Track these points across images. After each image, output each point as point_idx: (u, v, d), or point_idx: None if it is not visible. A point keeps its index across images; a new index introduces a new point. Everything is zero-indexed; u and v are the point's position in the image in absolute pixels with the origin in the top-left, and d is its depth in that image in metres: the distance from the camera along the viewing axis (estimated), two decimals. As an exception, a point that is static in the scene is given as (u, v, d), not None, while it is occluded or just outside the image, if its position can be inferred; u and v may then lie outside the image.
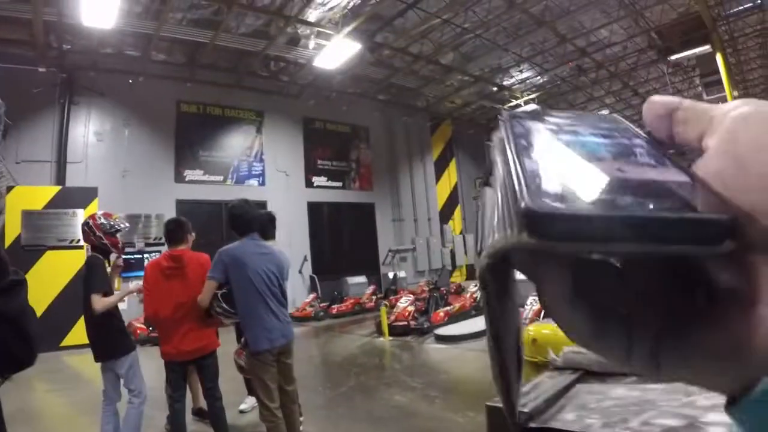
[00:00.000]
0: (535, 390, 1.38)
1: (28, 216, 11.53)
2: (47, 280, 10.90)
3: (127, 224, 5.19)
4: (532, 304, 8.54)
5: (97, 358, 4.88)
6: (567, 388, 1.40)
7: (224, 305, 4.41)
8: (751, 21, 15.91)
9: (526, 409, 1.19)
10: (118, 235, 5.00)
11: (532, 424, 1.16)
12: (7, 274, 1.36)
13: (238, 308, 4.42)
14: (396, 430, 5.51)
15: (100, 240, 4.90)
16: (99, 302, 4.60)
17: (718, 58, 14.22)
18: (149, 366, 5.55)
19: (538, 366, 1.89)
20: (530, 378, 1.62)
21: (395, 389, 7.24)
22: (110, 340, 4.83)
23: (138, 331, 11.66)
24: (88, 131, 14.52)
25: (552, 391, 1.35)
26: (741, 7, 14.62)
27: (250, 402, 6.28)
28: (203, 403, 5.48)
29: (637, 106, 23.32)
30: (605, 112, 23.43)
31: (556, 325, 0.34)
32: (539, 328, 2.39)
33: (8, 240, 11.19)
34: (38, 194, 11.92)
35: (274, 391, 4.49)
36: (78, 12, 11.24)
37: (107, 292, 4.72)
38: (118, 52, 14.69)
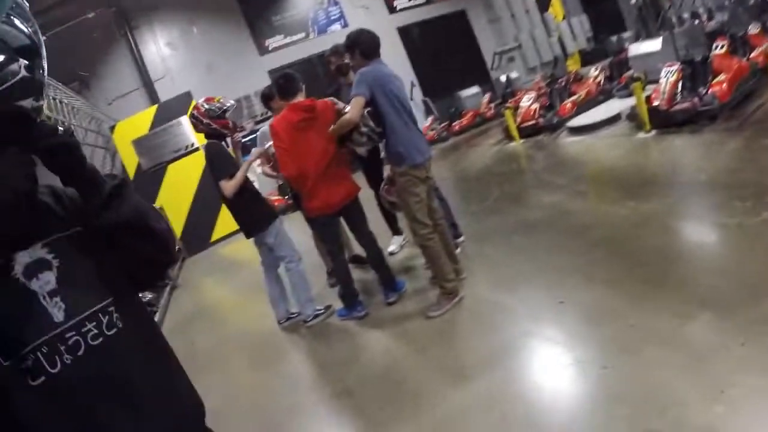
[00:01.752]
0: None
1: (138, 143, 11.91)
2: (179, 189, 11.56)
3: (233, 101, 5.06)
4: (667, 75, 7.94)
5: (247, 235, 5.07)
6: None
7: (371, 123, 4.27)
8: None
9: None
10: (226, 115, 4.92)
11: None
12: (104, 182, 1.27)
13: (386, 123, 4.30)
14: (556, 231, 5.29)
15: (210, 126, 4.86)
16: (227, 186, 4.68)
17: None
18: (298, 231, 5.62)
19: None
20: None
21: (542, 191, 7.02)
22: (251, 215, 4.94)
23: (276, 204, 12.00)
24: (160, 46, 14.84)
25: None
26: None
27: (396, 242, 6.31)
28: (357, 251, 5.52)
29: None
30: None
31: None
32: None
33: (131, 171, 11.76)
34: (139, 121, 12.18)
35: (427, 209, 4.48)
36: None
37: (233, 173, 4.72)
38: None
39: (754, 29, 9.56)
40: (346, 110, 4.40)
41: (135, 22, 14.44)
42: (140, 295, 1.53)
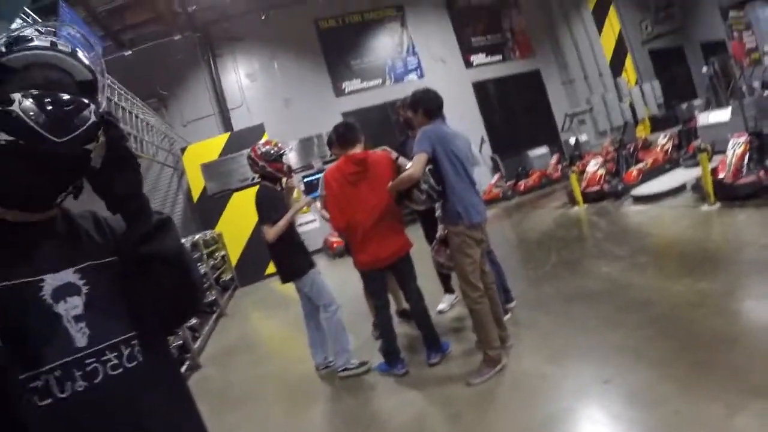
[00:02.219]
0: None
1: (207, 168, 12.36)
2: (241, 218, 11.72)
3: (289, 146, 5.22)
4: (734, 147, 7.79)
5: (282, 280, 5.15)
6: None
7: (431, 180, 4.28)
8: None
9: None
10: (282, 159, 5.06)
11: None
12: (153, 213, 1.31)
13: (447, 182, 4.30)
14: (613, 307, 5.12)
15: (264, 168, 5.01)
16: (269, 232, 4.80)
17: None
18: (351, 276, 5.64)
19: None
20: None
21: (602, 260, 6.84)
22: (287, 263, 5.03)
23: (335, 245, 12.16)
24: (240, 76, 15.45)
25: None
26: None
27: (447, 301, 6.28)
28: (405, 305, 5.51)
29: None
30: None
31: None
32: None
33: (196, 194, 12.17)
34: (211, 146, 12.69)
35: (480, 272, 4.45)
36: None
37: (276, 219, 4.82)
38: (242, -5, 14.97)
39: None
40: (408, 166, 4.43)
41: (219, 50, 15.18)
42: (166, 335, 1.55)
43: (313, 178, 13.43)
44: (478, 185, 4.59)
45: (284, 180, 5.19)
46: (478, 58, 18.31)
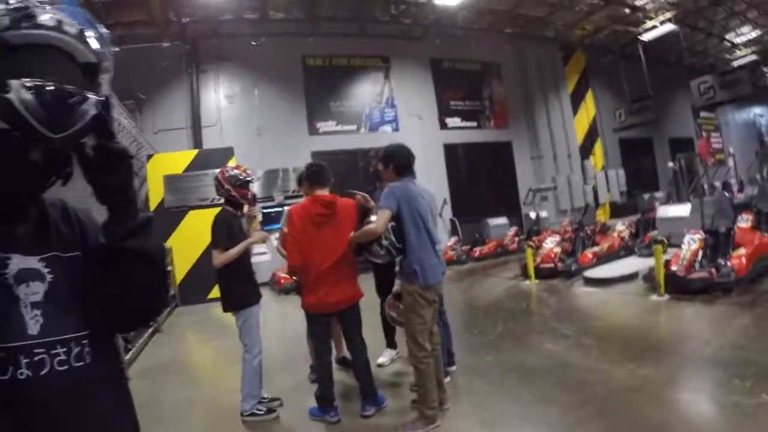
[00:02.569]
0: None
1: (169, 180, 12.19)
2: (192, 237, 11.45)
3: (256, 175, 5.15)
4: (689, 243, 8.02)
5: (223, 308, 4.99)
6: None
7: (392, 237, 4.27)
8: None
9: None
10: (248, 186, 5.00)
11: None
12: (139, 210, 1.26)
13: (407, 241, 4.30)
14: (550, 383, 5.11)
15: (229, 192, 4.93)
16: (216, 257, 4.73)
17: None
18: (295, 315, 5.51)
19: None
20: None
21: (546, 336, 6.85)
22: (230, 292, 4.89)
23: (282, 281, 12.00)
24: (219, 95, 15.41)
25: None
26: None
27: (388, 355, 6.18)
28: (346, 353, 5.42)
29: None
30: (747, 29, 21.27)
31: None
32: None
33: (153, 204, 12.00)
34: (177, 159, 12.51)
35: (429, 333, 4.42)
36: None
37: (227, 246, 4.73)
38: (238, 17, 15.19)
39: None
40: (372, 219, 4.41)
41: (204, 66, 15.14)
42: (117, 338, 1.49)
43: (272, 210, 13.36)
44: (440, 245, 4.58)
45: (246, 207, 5.11)
46: (453, 121, 18.63)
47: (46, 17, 1.11)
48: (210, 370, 7.47)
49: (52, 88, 1.05)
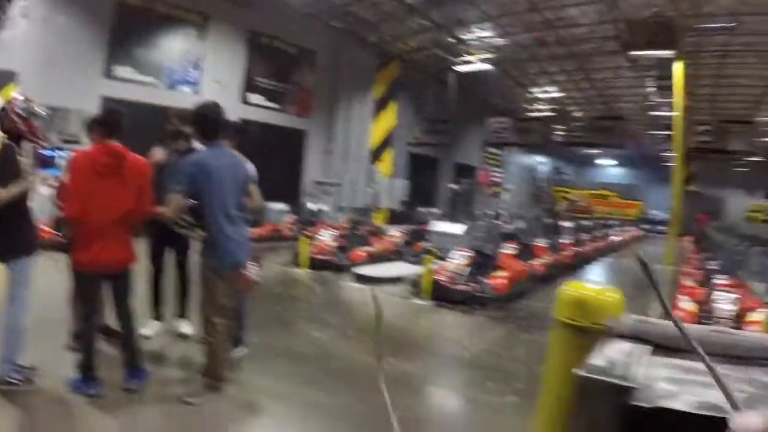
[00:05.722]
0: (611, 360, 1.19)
1: None
2: None
3: (45, 112, 4.60)
4: (459, 257, 9.00)
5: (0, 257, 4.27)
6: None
7: (189, 218, 4.16)
8: (717, 40, 16.11)
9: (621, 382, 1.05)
10: (35, 121, 4.41)
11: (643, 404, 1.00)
12: None
13: (205, 220, 4.18)
14: (316, 369, 5.29)
15: (16, 125, 4.26)
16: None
17: (678, 66, 14.10)
18: (49, 277, 4.93)
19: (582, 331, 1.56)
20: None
21: (314, 324, 7.00)
22: (16, 234, 4.19)
23: (44, 236, 10.87)
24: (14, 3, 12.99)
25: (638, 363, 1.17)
26: (713, 25, 14.82)
27: (153, 328, 5.66)
28: (109, 321, 4.99)
29: (585, 90, 23.78)
30: (553, 88, 23.59)
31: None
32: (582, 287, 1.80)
33: None
34: None
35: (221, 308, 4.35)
36: None
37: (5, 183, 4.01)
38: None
39: (541, 242, 12.23)
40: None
41: None
42: None
43: (46, 152, 11.93)
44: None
45: (28, 144, 4.51)
46: (256, 98, 18.28)
47: None
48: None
49: None
